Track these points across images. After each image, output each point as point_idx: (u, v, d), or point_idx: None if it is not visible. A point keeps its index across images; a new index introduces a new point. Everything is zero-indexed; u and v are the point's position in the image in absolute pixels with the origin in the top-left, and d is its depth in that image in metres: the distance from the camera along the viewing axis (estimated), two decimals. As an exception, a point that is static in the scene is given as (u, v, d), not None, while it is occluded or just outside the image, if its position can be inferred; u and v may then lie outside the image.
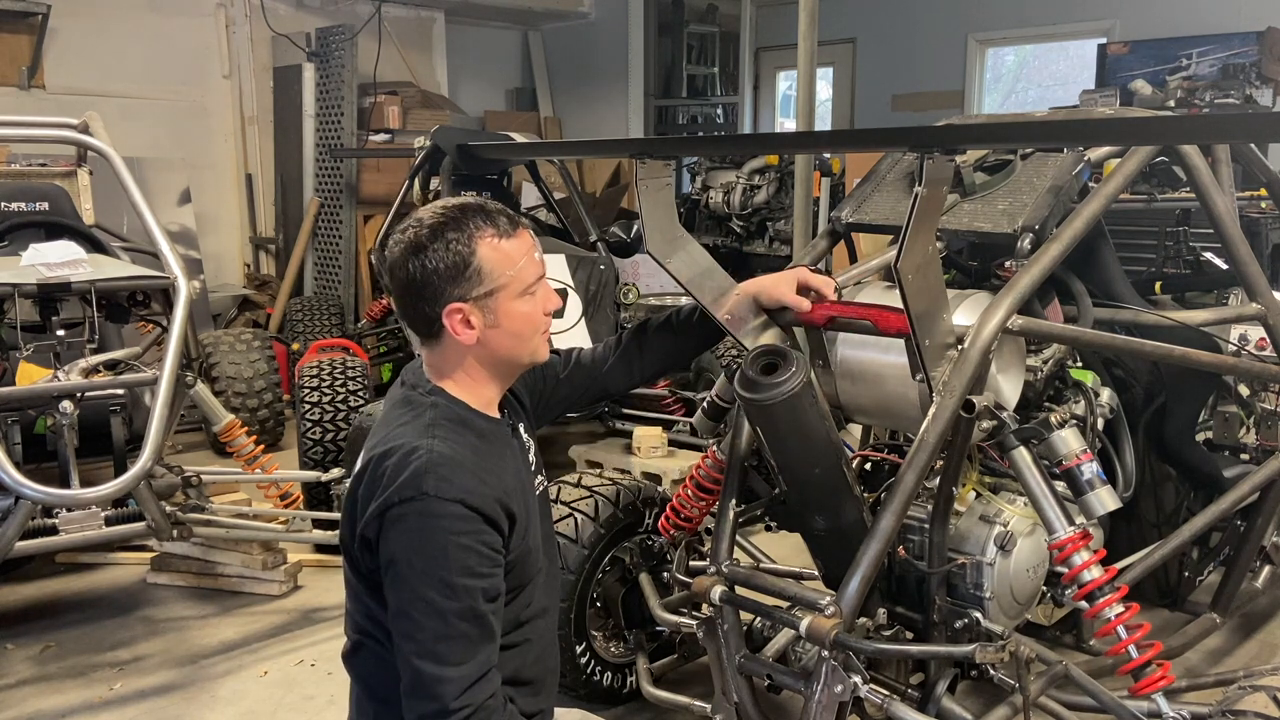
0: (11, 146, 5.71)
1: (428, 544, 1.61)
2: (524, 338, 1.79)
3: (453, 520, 1.62)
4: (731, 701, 2.31)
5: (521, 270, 1.75)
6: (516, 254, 1.75)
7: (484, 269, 1.71)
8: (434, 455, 1.65)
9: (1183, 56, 7.74)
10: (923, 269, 2.04)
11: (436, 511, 1.62)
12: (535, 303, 1.79)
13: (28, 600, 3.88)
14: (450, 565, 1.61)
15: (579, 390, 2.18)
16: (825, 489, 2.31)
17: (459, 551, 1.62)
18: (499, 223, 1.74)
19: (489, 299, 1.73)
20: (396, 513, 1.62)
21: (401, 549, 1.62)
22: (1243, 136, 2.77)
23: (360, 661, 1.83)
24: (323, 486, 4.02)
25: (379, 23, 8.20)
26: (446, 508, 1.62)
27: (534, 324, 1.79)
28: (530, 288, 1.77)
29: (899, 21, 9.64)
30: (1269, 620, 3.53)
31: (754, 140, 7.08)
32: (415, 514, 1.62)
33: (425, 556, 1.61)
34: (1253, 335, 3.15)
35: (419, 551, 1.61)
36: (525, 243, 1.78)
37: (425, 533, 1.62)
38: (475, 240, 1.71)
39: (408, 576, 1.62)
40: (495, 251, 1.72)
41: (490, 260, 1.72)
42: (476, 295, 1.72)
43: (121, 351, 3.63)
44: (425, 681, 1.61)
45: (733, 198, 7.71)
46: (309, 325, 6.82)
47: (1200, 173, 2.76)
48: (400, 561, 1.62)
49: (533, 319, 1.79)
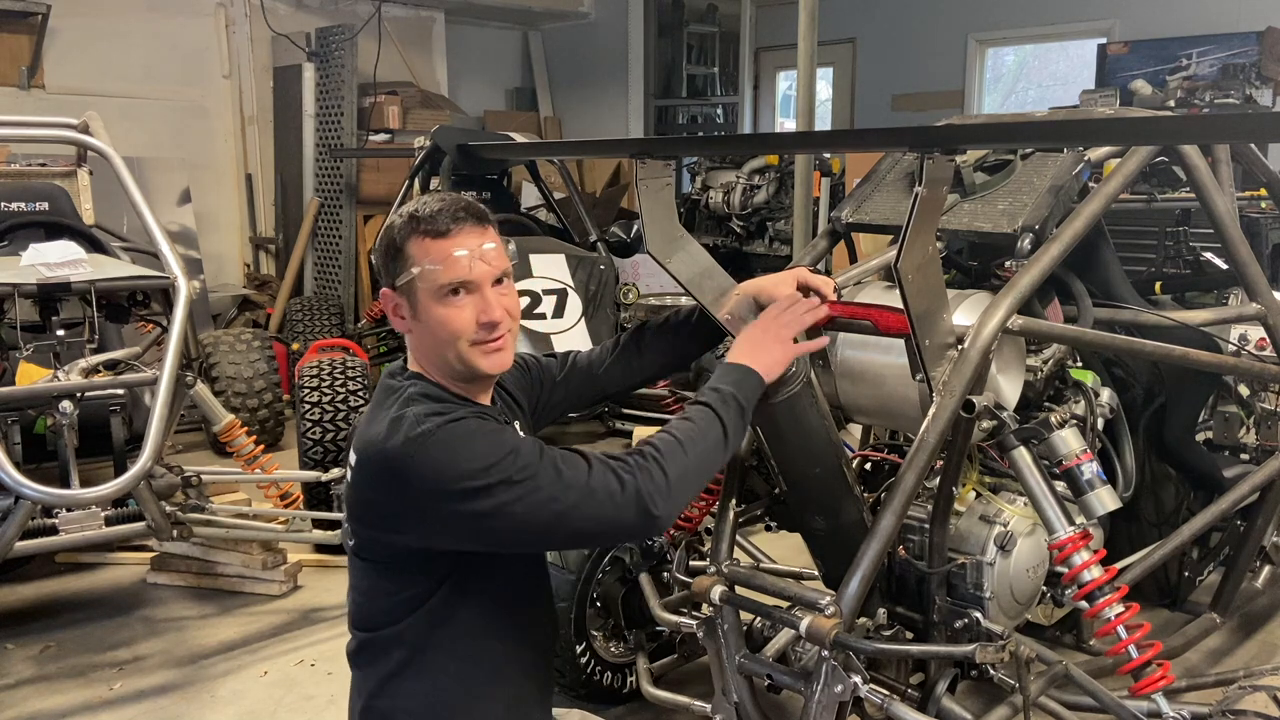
0: (11, 146, 5.71)
1: (454, 455, 1.62)
2: (443, 341, 1.74)
3: (461, 426, 1.65)
4: (731, 701, 2.31)
5: (439, 269, 1.70)
6: (438, 252, 1.71)
7: (406, 257, 1.73)
8: (421, 410, 1.68)
9: (1183, 56, 7.74)
10: (923, 269, 2.04)
11: (444, 436, 1.63)
12: (457, 309, 1.72)
13: (28, 600, 3.88)
14: (480, 451, 1.62)
15: (576, 393, 2.18)
16: (825, 489, 2.31)
17: (481, 438, 1.64)
18: (438, 220, 1.72)
19: (410, 289, 1.74)
20: (410, 450, 1.62)
21: (437, 476, 1.61)
22: (1243, 136, 2.77)
23: (366, 658, 1.83)
24: (323, 486, 4.02)
25: (379, 23, 8.21)
26: (452, 428, 1.64)
27: (451, 329, 1.72)
28: (444, 289, 1.71)
29: (899, 21, 9.64)
30: (1269, 620, 3.53)
31: (754, 140, 7.06)
32: (432, 444, 1.62)
33: (460, 462, 1.61)
34: (1253, 335, 3.15)
35: (451, 465, 1.61)
36: (458, 245, 1.71)
37: (443, 448, 1.62)
38: (410, 231, 1.73)
39: (466, 490, 1.61)
40: (418, 245, 1.72)
41: (413, 251, 1.73)
42: (400, 284, 1.74)
43: (121, 351, 3.63)
44: (598, 512, 1.65)
45: (733, 198, 7.71)
46: (309, 325, 6.82)
47: (1200, 173, 2.76)
48: (446, 489, 1.61)
49: (450, 324, 1.72)
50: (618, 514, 1.68)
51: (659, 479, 1.72)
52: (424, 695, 1.78)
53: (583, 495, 1.65)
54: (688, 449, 1.79)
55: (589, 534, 1.74)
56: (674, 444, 1.79)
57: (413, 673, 1.77)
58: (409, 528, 1.68)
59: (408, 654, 1.77)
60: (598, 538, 1.74)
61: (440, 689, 1.78)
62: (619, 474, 1.69)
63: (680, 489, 1.75)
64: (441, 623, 1.76)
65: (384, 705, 1.80)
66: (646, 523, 1.71)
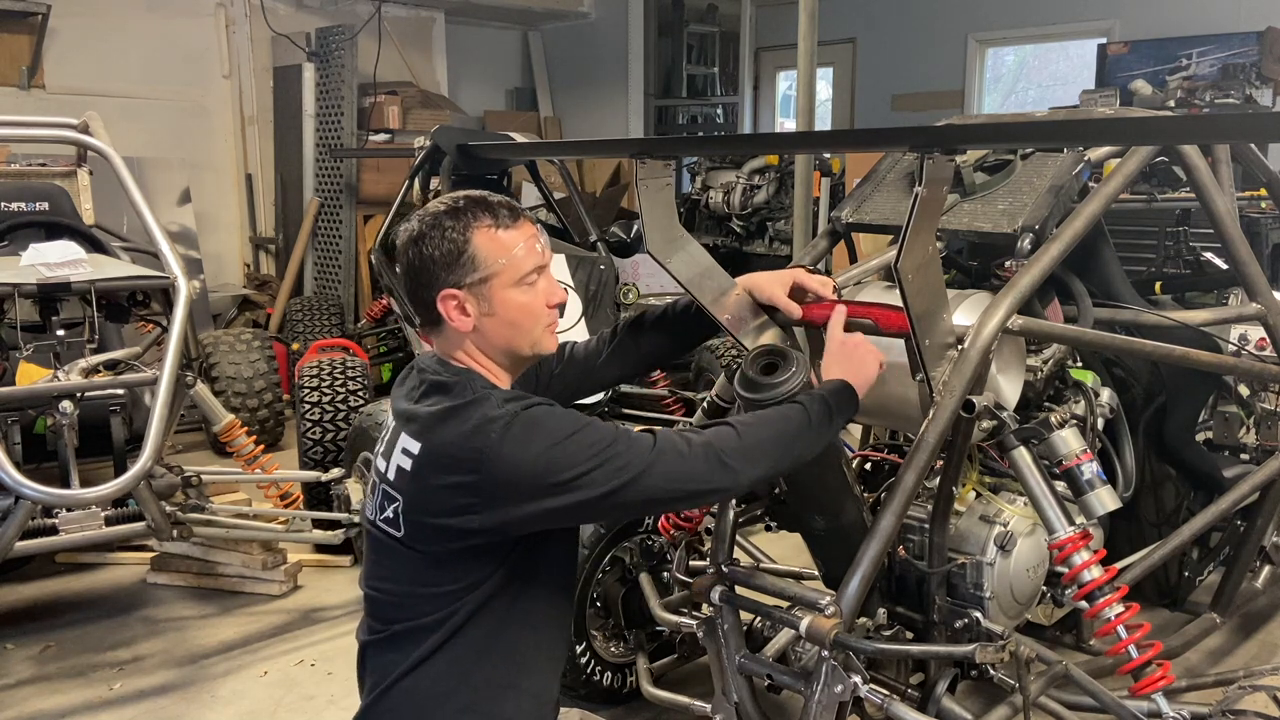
0: (11, 146, 5.71)
1: (537, 434, 1.67)
2: (521, 328, 1.79)
3: (539, 409, 1.71)
4: (731, 701, 2.30)
5: (517, 259, 1.76)
6: (511, 243, 1.76)
7: (478, 256, 1.74)
8: (499, 395, 1.73)
9: (1183, 56, 7.74)
10: (923, 269, 2.04)
11: (526, 419, 1.68)
12: (534, 293, 1.79)
13: (28, 600, 3.88)
14: (560, 428, 1.68)
15: (574, 385, 2.19)
16: (825, 489, 2.31)
17: (560, 416, 1.71)
18: (498, 213, 1.77)
19: (483, 286, 1.75)
20: (498, 434, 1.66)
21: (523, 456, 1.65)
22: (1243, 136, 2.77)
23: (394, 645, 1.82)
24: (323, 486, 4.02)
25: (379, 23, 8.20)
26: (532, 411, 1.70)
27: (531, 314, 1.79)
28: (526, 277, 1.77)
29: (899, 21, 9.64)
30: (1269, 620, 3.53)
31: (754, 140, 7.07)
32: (517, 425, 1.66)
33: (542, 439, 1.66)
34: (1253, 335, 3.15)
35: (534, 444, 1.66)
36: (524, 233, 1.78)
37: (527, 429, 1.67)
38: (471, 229, 1.75)
39: (550, 465, 1.65)
40: (490, 240, 1.75)
41: (484, 248, 1.74)
42: (470, 282, 1.75)
43: (121, 351, 3.63)
44: (670, 468, 1.71)
45: (733, 198, 7.71)
46: (309, 325, 6.81)
47: (1200, 173, 2.76)
48: (532, 468, 1.65)
49: (530, 309, 1.79)
50: (688, 466, 1.74)
51: (729, 435, 1.81)
52: (451, 680, 1.78)
53: (656, 456, 1.72)
54: (763, 419, 1.91)
55: (666, 494, 1.76)
56: (750, 417, 1.92)
57: (442, 657, 1.77)
58: (490, 510, 1.69)
59: (442, 639, 1.77)
60: (677, 497, 1.79)
61: (467, 675, 1.78)
62: (686, 438, 1.78)
63: (756, 451, 1.82)
64: (482, 612, 1.77)
65: (409, 684, 1.79)
66: (721, 472, 1.77)
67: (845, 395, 1.99)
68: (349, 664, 1.96)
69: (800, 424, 1.90)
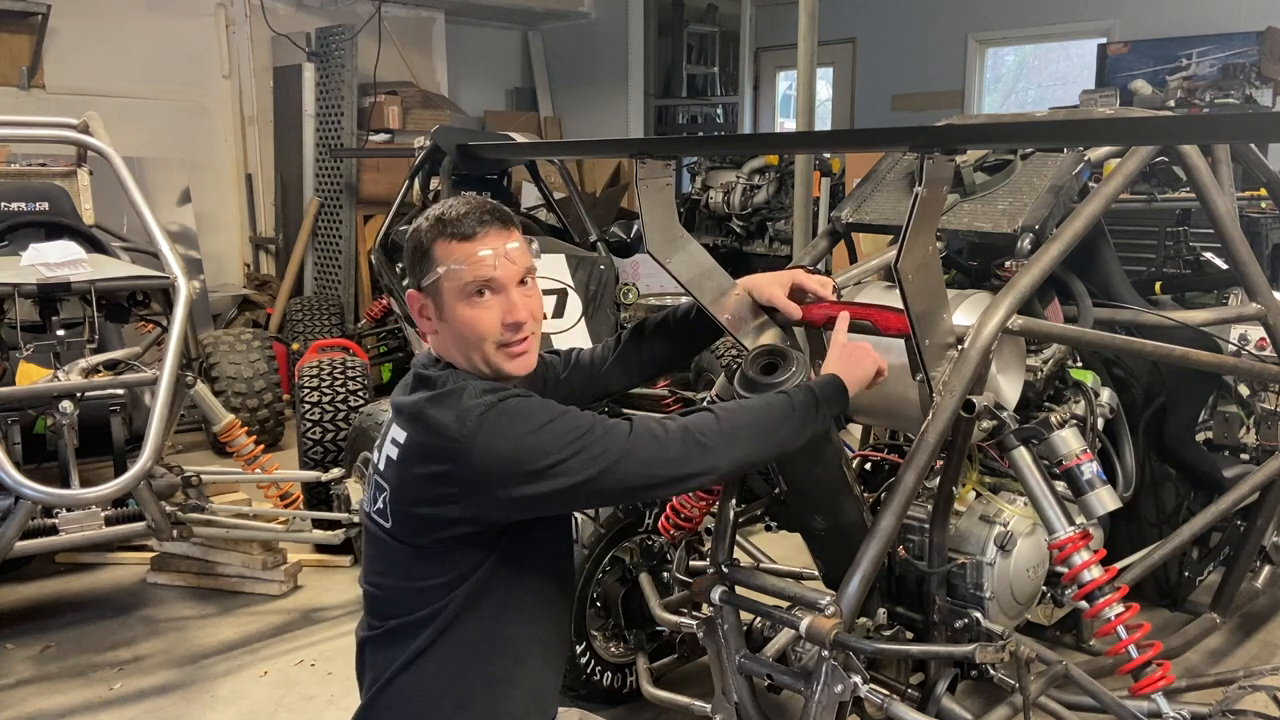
0: (11, 146, 5.71)
1: (515, 424, 1.68)
2: (469, 342, 1.77)
3: (515, 400, 1.72)
4: (731, 701, 2.31)
5: (457, 271, 1.74)
6: (464, 253, 1.74)
7: (433, 258, 1.76)
8: (478, 385, 1.74)
9: (1183, 56, 7.74)
10: (923, 269, 2.04)
11: (503, 409, 1.69)
12: (481, 307, 1.75)
13: (28, 600, 3.88)
14: (537, 417, 1.70)
15: (578, 391, 2.18)
16: (825, 489, 2.31)
17: (536, 407, 1.72)
18: (463, 222, 1.76)
19: (435, 290, 1.77)
20: (475, 423, 1.67)
21: (500, 445, 1.67)
22: (1243, 136, 2.77)
23: (389, 641, 1.82)
24: (323, 486, 4.02)
25: (379, 23, 8.20)
26: (509, 402, 1.71)
27: (477, 330, 1.75)
28: (470, 287, 1.74)
29: (899, 21, 9.64)
30: (1269, 620, 3.53)
31: (754, 140, 7.06)
32: (494, 415, 1.68)
33: (520, 427, 1.68)
34: (1253, 335, 3.15)
35: (511, 433, 1.67)
36: (480, 245, 1.74)
37: (504, 418, 1.68)
38: (435, 232, 1.77)
39: (526, 453, 1.67)
40: (443, 247, 1.76)
41: (438, 254, 1.76)
42: (426, 285, 1.79)
43: (121, 351, 3.63)
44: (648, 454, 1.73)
45: (733, 198, 7.71)
46: (309, 325, 6.81)
47: (1200, 173, 2.76)
48: (509, 457, 1.67)
49: (475, 325, 1.75)
50: (664, 451, 1.75)
51: (708, 420, 1.83)
52: (447, 676, 1.79)
53: (632, 442, 1.73)
54: (745, 406, 1.92)
55: (644, 480, 1.76)
56: (732, 404, 1.93)
57: (437, 652, 1.78)
58: (468, 499, 1.70)
59: (435, 634, 1.77)
60: (656, 483, 1.78)
61: (463, 671, 1.79)
62: (663, 423, 1.79)
63: (735, 435, 1.83)
64: (474, 606, 1.78)
65: (405, 681, 1.80)
66: (699, 456, 1.78)
67: (833, 388, 1.99)
68: (349, 664, 1.96)
69: (783, 411, 1.91)
